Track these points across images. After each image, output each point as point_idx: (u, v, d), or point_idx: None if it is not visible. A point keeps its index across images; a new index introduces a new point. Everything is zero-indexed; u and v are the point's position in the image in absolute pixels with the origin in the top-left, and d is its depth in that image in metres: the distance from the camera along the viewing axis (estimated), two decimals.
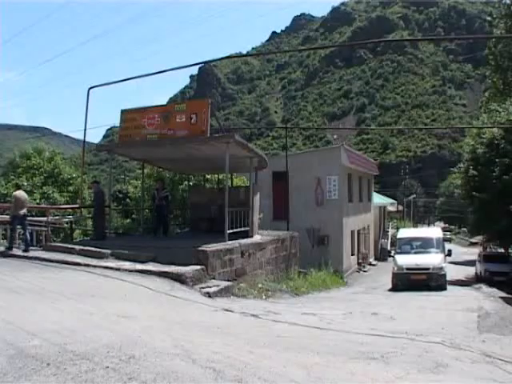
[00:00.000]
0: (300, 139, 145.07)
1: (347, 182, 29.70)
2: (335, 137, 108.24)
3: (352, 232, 30.60)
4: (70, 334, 6.29)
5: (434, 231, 24.05)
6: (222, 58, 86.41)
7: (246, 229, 15.89)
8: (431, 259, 19.58)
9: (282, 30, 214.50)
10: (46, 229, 16.71)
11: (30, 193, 21.55)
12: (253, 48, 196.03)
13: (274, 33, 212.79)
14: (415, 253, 20.92)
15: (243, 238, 15.11)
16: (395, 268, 20.10)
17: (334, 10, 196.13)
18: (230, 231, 14.45)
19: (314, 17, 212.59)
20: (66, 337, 6.15)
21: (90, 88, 18.64)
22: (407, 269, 19.30)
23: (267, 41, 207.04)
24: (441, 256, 19.99)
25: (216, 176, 23.78)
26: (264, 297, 12.47)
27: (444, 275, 19.14)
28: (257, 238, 16.45)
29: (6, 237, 15.30)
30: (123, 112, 16.15)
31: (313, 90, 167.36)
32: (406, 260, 19.96)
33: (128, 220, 26.62)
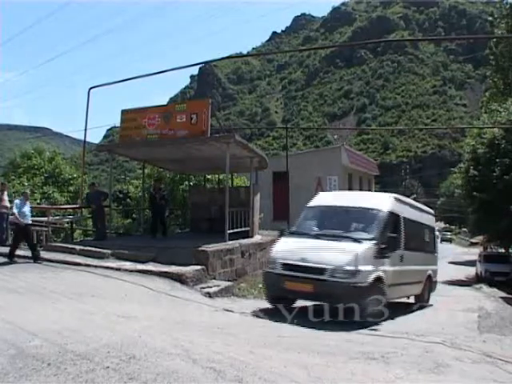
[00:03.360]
0: (300, 139, 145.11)
1: (348, 182, 29.71)
2: (336, 137, 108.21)
3: None
4: (71, 334, 6.28)
5: (382, 199, 11.68)
6: (223, 58, 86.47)
7: (247, 229, 15.90)
8: (336, 253, 9.49)
9: (282, 30, 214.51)
10: (46, 229, 16.72)
11: (30, 193, 21.59)
12: (253, 48, 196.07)
13: (274, 33, 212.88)
14: (320, 237, 10.28)
15: (244, 238, 15.12)
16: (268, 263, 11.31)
17: (335, 10, 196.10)
18: (231, 231, 14.45)
19: (314, 17, 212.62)
20: (66, 337, 6.15)
21: (91, 88, 18.67)
22: (283, 266, 9.93)
23: (268, 41, 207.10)
24: (366, 251, 9.55)
25: (216, 176, 23.79)
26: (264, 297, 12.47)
27: (365, 290, 9.10)
28: (257, 238, 16.46)
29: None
30: (123, 112, 16.16)
31: (313, 91, 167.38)
32: (289, 249, 10.26)
33: (128, 220, 26.59)
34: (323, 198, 12.35)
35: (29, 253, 12.82)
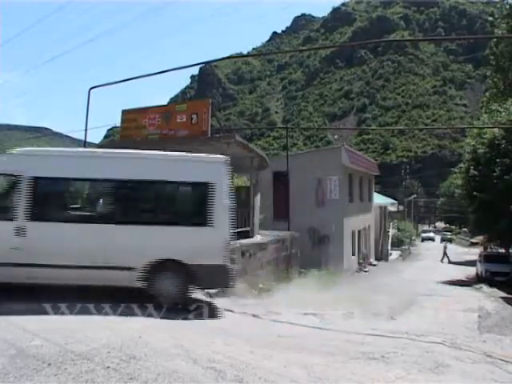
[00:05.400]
0: (301, 139, 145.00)
1: (348, 182, 29.68)
2: (336, 137, 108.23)
3: (353, 232, 30.58)
4: (71, 334, 6.29)
5: None
6: (223, 59, 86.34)
7: (247, 229, 15.89)
8: None
9: (282, 31, 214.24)
10: None
11: None
12: (253, 48, 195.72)
13: (274, 33, 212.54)
14: None
15: (244, 238, 15.12)
16: None
17: (335, 10, 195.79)
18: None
19: (314, 17, 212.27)
20: (66, 337, 6.16)
21: (91, 88, 18.67)
22: None
23: (268, 41, 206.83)
24: None
25: None
26: (264, 297, 12.48)
27: None
28: (257, 238, 16.47)
29: None
30: (124, 112, 16.19)
31: (313, 91, 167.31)
32: None
33: None
34: None
35: None
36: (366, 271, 31.37)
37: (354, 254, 30.93)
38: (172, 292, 8.60)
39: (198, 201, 9.33)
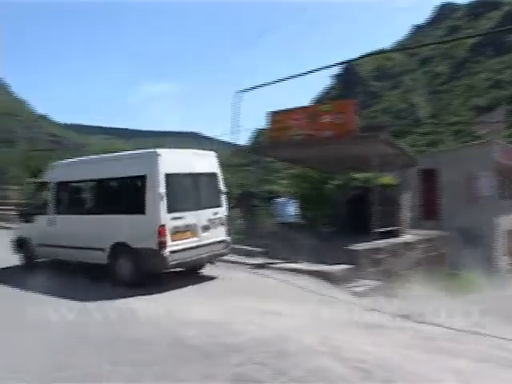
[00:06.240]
0: (448, 134, 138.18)
1: (500, 178, 27.84)
2: (486, 131, 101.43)
3: (506, 231, 28.61)
4: (223, 327, 6.66)
5: None
6: (363, 56, 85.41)
7: (395, 228, 15.62)
8: None
9: (424, 22, 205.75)
10: None
11: None
12: (395, 43, 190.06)
13: (415, 26, 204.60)
14: None
15: (392, 237, 14.88)
16: None
17: None
18: (378, 230, 14.30)
19: (458, 5, 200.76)
20: (219, 329, 6.54)
21: (238, 92, 19.47)
22: None
23: (409, 34, 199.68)
24: None
25: (363, 175, 23.56)
26: (414, 298, 12.18)
27: None
28: (406, 237, 16.08)
29: None
30: (270, 114, 16.61)
31: (460, 83, 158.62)
32: None
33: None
34: None
35: None
36: None
37: (506, 255, 28.96)
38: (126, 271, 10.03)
39: (135, 192, 10.23)
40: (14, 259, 12.43)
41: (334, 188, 22.80)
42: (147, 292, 9.18)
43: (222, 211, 11.12)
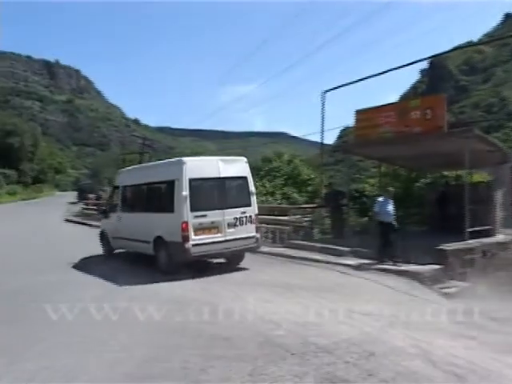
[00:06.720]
0: None
1: None
2: None
3: None
4: (312, 327, 6.80)
5: None
6: (451, 51, 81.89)
7: (487, 227, 15.09)
8: None
9: None
10: (287, 227, 17.66)
11: (272, 193, 23.41)
12: (484, 34, 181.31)
13: (506, 15, 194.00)
14: None
15: (483, 237, 14.38)
16: None
17: None
18: (470, 229, 13.88)
19: None
20: (308, 329, 6.68)
21: (325, 92, 19.54)
22: None
23: (500, 24, 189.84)
24: None
25: (454, 172, 22.86)
26: (506, 300, 11.75)
27: None
28: (498, 237, 15.48)
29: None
30: (357, 112, 16.47)
31: None
32: None
33: (365, 218, 26.91)
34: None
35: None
36: None
37: None
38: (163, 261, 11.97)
39: (168, 194, 11.96)
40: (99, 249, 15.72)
41: (424, 186, 22.30)
42: (238, 289, 9.56)
43: (251, 210, 12.34)
